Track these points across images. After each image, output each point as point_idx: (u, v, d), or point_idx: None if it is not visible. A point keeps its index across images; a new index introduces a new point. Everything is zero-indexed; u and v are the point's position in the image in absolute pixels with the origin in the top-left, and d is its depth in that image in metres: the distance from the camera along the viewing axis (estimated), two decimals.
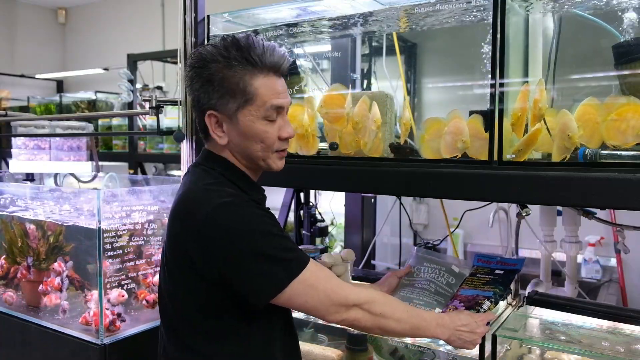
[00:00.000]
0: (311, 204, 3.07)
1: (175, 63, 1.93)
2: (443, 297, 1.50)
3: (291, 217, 3.10)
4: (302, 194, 3.05)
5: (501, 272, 1.49)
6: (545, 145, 1.30)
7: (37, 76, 6.40)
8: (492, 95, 1.30)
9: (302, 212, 3.02)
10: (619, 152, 1.19)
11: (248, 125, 1.19)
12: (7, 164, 3.83)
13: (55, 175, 2.92)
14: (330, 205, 3.44)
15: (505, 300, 1.64)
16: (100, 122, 4.32)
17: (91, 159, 2.70)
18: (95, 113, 4.45)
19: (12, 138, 2.66)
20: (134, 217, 1.83)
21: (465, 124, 1.36)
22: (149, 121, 3.87)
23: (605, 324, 1.52)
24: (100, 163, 3.22)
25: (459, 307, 1.38)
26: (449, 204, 2.17)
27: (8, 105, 5.19)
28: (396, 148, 1.52)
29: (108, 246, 1.73)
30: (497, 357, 1.41)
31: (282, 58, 1.21)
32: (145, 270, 1.90)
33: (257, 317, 1.19)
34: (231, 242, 1.10)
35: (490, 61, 1.30)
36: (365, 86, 1.94)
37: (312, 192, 3.11)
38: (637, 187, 1.11)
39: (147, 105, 1.94)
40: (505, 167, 1.28)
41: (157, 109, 1.92)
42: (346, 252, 1.73)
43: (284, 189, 3.03)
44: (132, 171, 4.28)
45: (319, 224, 2.99)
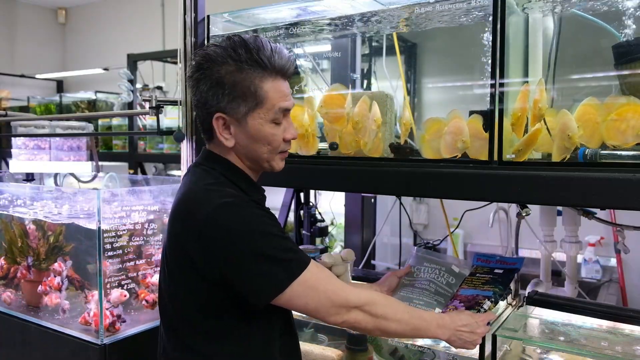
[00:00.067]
0: (311, 204, 3.07)
1: (175, 63, 1.93)
2: (443, 297, 1.50)
3: (291, 217, 3.10)
4: (302, 194, 3.05)
5: (501, 272, 1.49)
6: (545, 145, 1.30)
7: (37, 76, 6.40)
8: (492, 95, 1.30)
9: (302, 212, 3.02)
10: (619, 152, 1.19)
11: (257, 129, 1.19)
12: (7, 164, 3.83)
13: (55, 175, 2.92)
14: (330, 205, 3.44)
15: (505, 300, 1.64)
16: (100, 122, 4.32)
17: (91, 159, 2.70)
18: (95, 113, 4.45)
19: (12, 138, 2.66)
20: (134, 217, 1.83)
21: (465, 124, 1.36)
22: (149, 121, 3.87)
23: (605, 324, 1.52)
24: (100, 163, 3.22)
25: (459, 307, 1.38)
26: (449, 204, 2.17)
27: (8, 105, 5.19)
28: (396, 148, 1.52)
29: (108, 246, 1.73)
30: (497, 357, 1.41)
31: (289, 61, 1.21)
32: (145, 270, 1.90)
33: (257, 317, 1.19)
34: (232, 242, 1.10)
35: (490, 61, 1.31)
36: (365, 86, 1.94)
37: (312, 192, 3.11)
38: (637, 187, 1.11)
39: (147, 105, 1.94)
40: (505, 167, 1.28)
41: (157, 109, 1.92)
42: (346, 252, 1.73)
43: (284, 189, 3.03)
44: (132, 171, 4.28)
45: (319, 224, 2.99)
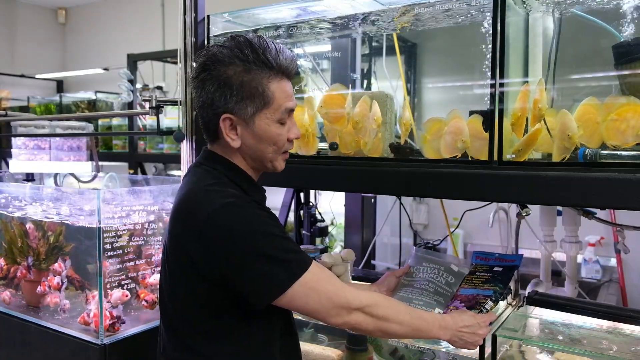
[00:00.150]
0: (311, 204, 3.07)
1: (175, 63, 1.93)
2: (443, 297, 1.49)
3: (291, 217, 3.10)
4: (302, 194, 3.05)
5: (500, 270, 1.49)
6: (545, 145, 1.30)
7: (37, 76, 6.40)
8: (492, 95, 1.30)
9: (302, 212, 3.02)
10: (619, 152, 1.19)
11: (264, 129, 1.20)
12: (7, 164, 3.83)
13: (55, 175, 2.92)
14: (330, 205, 3.44)
15: (505, 299, 1.64)
16: (100, 122, 4.32)
17: (91, 159, 2.70)
18: (95, 113, 4.45)
19: (12, 138, 2.65)
20: (134, 217, 1.83)
21: (465, 124, 1.36)
22: (149, 121, 3.86)
23: (605, 324, 1.52)
24: (100, 163, 3.22)
25: (459, 307, 1.37)
26: (449, 204, 2.17)
27: (8, 105, 5.19)
28: (396, 148, 1.52)
29: (108, 246, 1.73)
30: (497, 357, 1.41)
31: (292, 61, 1.22)
32: (145, 270, 1.90)
33: (257, 317, 1.19)
34: (233, 242, 1.10)
35: (490, 61, 1.31)
36: (365, 86, 1.94)
37: (312, 192, 3.11)
38: (637, 187, 1.11)
39: (147, 105, 1.94)
40: (505, 167, 1.28)
41: (157, 109, 1.92)
42: (346, 252, 1.73)
43: (284, 189, 3.03)
44: (132, 171, 4.28)
45: (319, 224, 2.99)
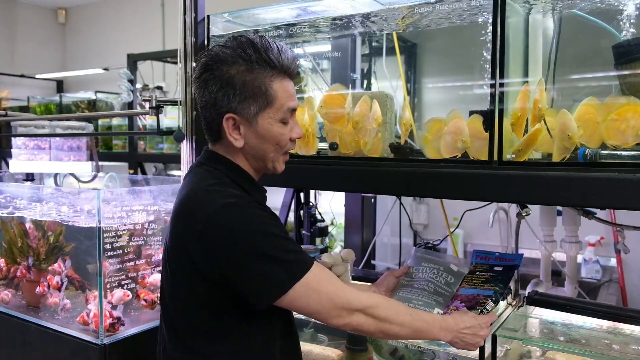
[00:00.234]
0: (311, 204, 3.06)
1: (175, 63, 1.93)
2: (442, 297, 1.49)
3: (291, 217, 3.10)
4: (302, 194, 3.05)
5: (500, 269, 1.49)
6: (545, 145, 1.30)
7: (37, 76, 6.40)
8: (492, 95, 1.30)
9: (302, 212, 3.02)
10: (619, 152, 1.19)
11: (267, 128, 1.20)
12: (7, 164, 3.83)
13: (55, 175, 2.92)
14: (330, 205, 3.44)
15: (505, 299, 1.64)
16: (100, 122, 4.32)
17: (91, 159, 2.70)
18: (95, 113, 4.45)
19: (12, 138, 2.66)
20: (134, 217, 1.83)
21: (465, 124, 1.36)
22: (149, 121, 3.86)
23: (605, 324, 1.52)
24: (100, 163, 3.22)
25: (460, 308, 1.37)
26: (449, 204, 2.17)
27: (8, 105, 5.19)
28: (396, 148, 1.52)
29: (108, 246, 1.73)
30: (497, 357, 1.41)
31: (294, 61, 1.22)
32: (145, 270, 1.90)
33: (257, 317, 1.19)
34: (234, 242, 1.10)
35: (490, 61, 1.31)
36: (365, 86, 1.94)
37: (312, 192, 3.11)
38: (637, 187, 1.11)
39: (147, 105, 1.94)
40: (505, 167, 1.28)
41: (157, 109, 1.92)
42: (346, 252, 1.73)
43: (284, 189, 3.03)
44: (132, 171, 4.28)
45: (319, 224, 2.98)
